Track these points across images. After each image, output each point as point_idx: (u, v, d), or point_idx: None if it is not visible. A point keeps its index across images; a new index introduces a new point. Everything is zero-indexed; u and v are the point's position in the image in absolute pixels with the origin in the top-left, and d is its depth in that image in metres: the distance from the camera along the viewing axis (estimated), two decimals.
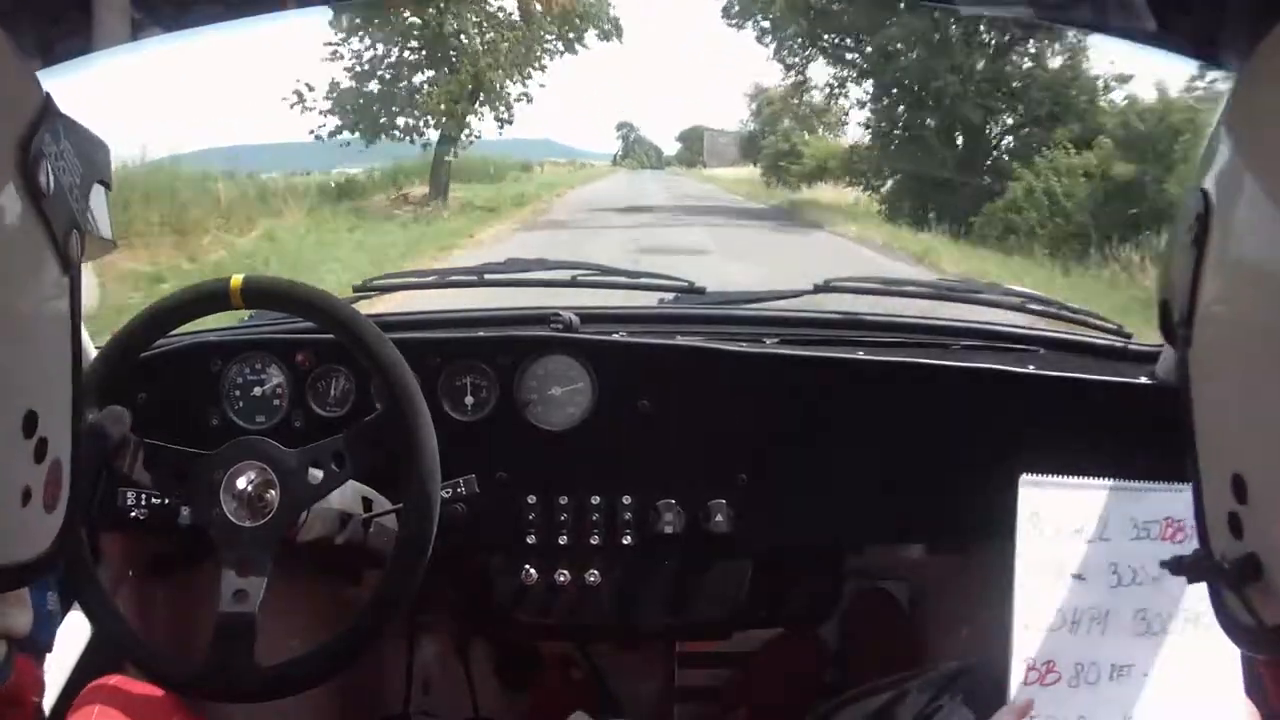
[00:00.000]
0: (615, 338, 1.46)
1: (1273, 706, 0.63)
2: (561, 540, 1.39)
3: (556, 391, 1.41)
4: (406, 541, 1.12)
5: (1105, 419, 1.36)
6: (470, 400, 1.41)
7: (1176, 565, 0.65)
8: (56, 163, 0.64)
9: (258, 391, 1.41)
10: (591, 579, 1.38)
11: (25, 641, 0.78)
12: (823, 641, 1.82)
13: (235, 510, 1.12)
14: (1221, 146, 0.59)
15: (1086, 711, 1.05)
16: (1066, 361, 1.47)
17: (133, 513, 1.25)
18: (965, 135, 14.39)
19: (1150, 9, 0.98)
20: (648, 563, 1.39)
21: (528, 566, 1.38)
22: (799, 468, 1.40)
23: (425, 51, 15.23)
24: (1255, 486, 0.56)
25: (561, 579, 1.38)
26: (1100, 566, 1.07)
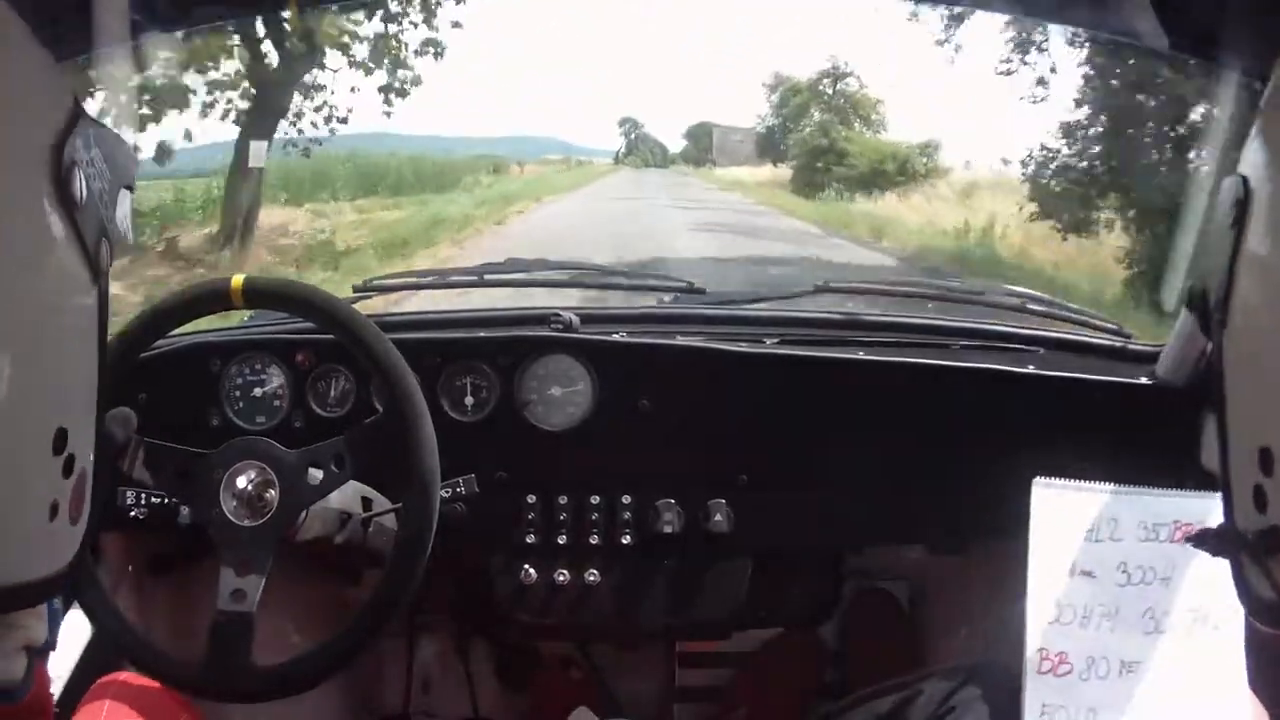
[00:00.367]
0: (615, 338, 1.46)
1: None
2: (561, 540, 1.39)
3: (556, 391, 1.41)
4: (406, 541, 1.12)
5: (1105, 419, 1.36)
6: (470, 400, 1.41)
7: (1200, 539, 0.66)
8: (88, 170, 0.63)
9: (258, 392, 1.41)
10: (591, 579, 1.38)
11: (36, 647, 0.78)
12: (823, 641, 1.82)
13: (235, 510, 1.12)
14: (1261, 134, 0.60)
15: (1097, 704, 1.06)
16: (1066, 362, 1.47)
17: (133, 512, 1.25)
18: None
19: (1150, 9, 0.98)
20: (647, 563, 1.39)
21: (527, 566, 1.38)
22: (799, 468, 1.40)
23: None
24: None
25: (561, 579, 1.38)
26: (1111, 566, 1.09)
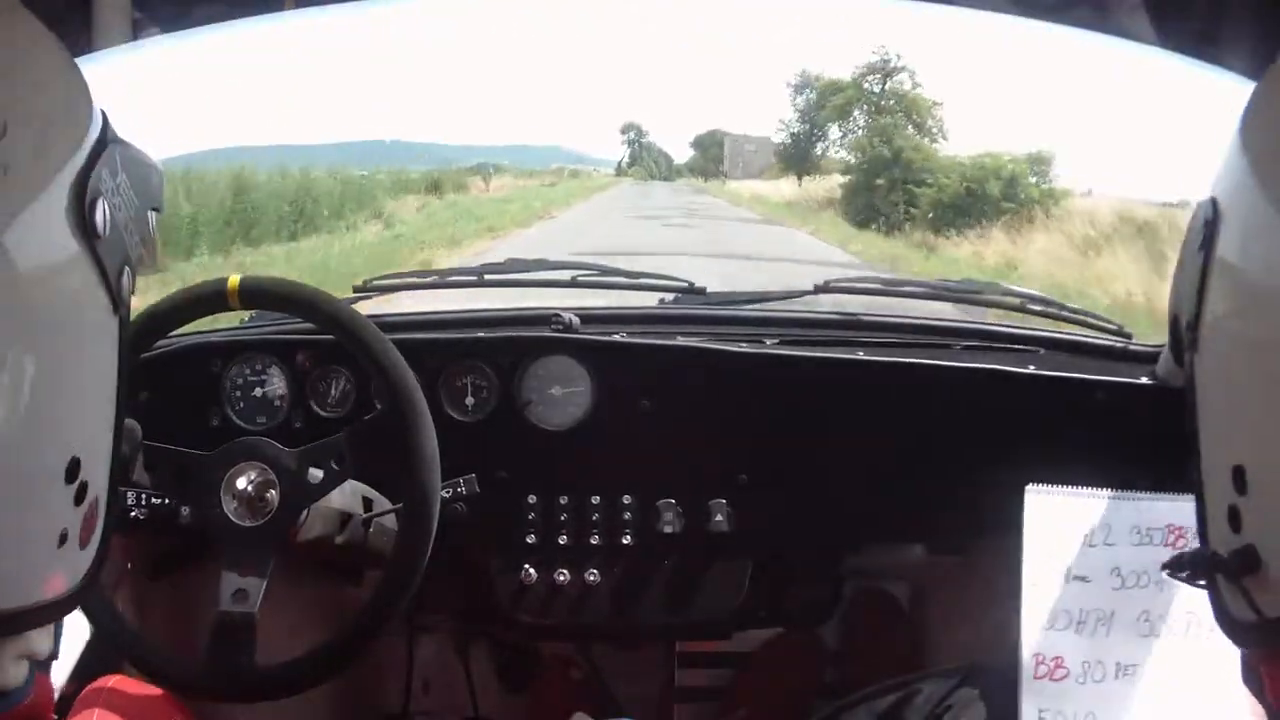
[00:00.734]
0: (615, 338, 1.46)
1: (1271, 704, 0.64)
2: (561, 540, 1.39)
3: (556, 391, 1.41)
4: (406, 541, 1.12)
5: (1105, 419, 1.36)
6: (470, 400, 1.41)
7: (1176, 564, 0.66)
8: (112, 199, 0.61)
9: (258, 392, 1.41)
10: (591, 579, 1.38)
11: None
12: (823, 641, 1.82)
13: (235, 510, 1.12)
14: (1233, 157, 0.61)
15: (1094, 708, 1.07)
16: (1066, 362, 1.47)
17: (133, 513, 1.25)
18: None
19: (1150, 10, 0.98)
20: (648, 563, 1.39)
21: (528, 566, 1.38)
22: (799, 468, 1.40)
23: None
24: (1254, 477, 0.57)
25: (561, 579, 1.38)
26: (1105, 570, 1.10)
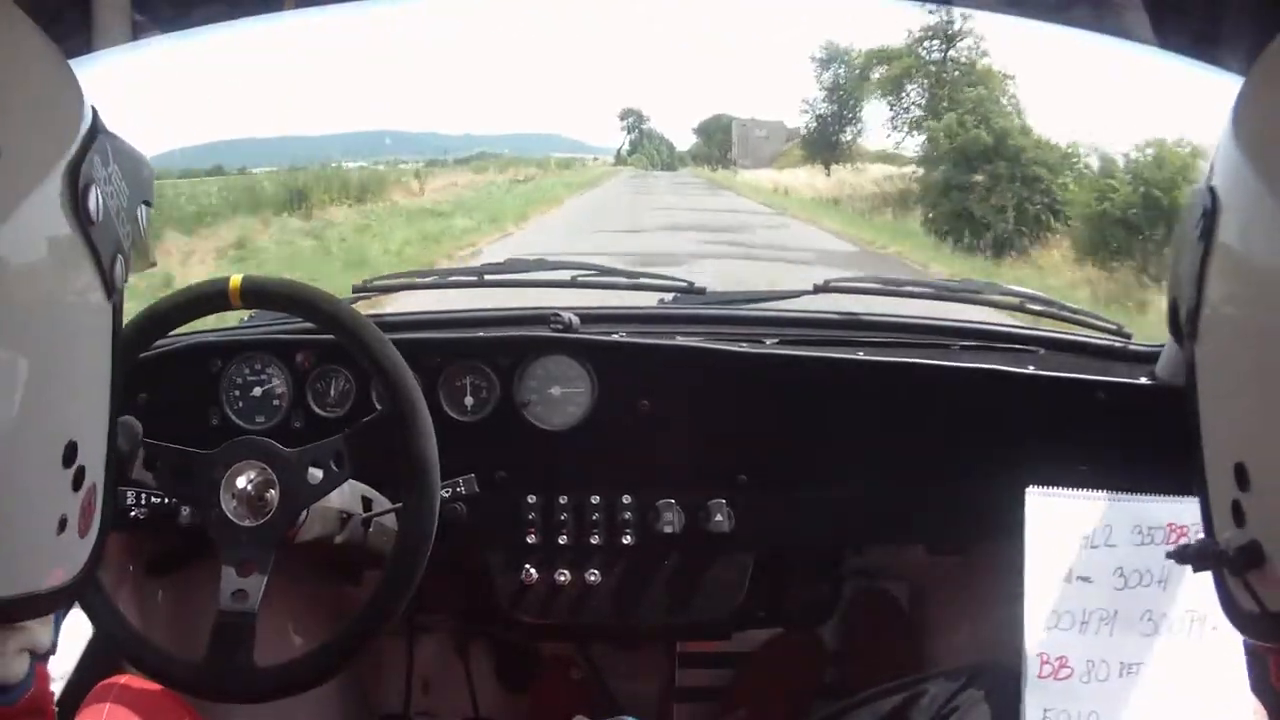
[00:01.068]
0: (615, 338, 1.46)
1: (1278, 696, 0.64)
2: (562, 540, 1.39)
3: (556, 391, 1.41)
4: (406, 541, 1.12)
5: (1105, 419, 1.36)
6: (470, 400, 1.41)
7: (1182, 555, 0.66)
8: (105, 188, 0.63)
9: (258, 391, 1.41)
10: (592, 579, 1.38)
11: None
12: (823, 641, 1.82)
13: (235, 509, 1.12)
14: (1228, 146, 0.60)
15: (1098, 707, 1.07)
16: (1066, 362, 1.47)
17: (133, 512, 1.25)
18: None
19: (1150, 10, 0.98)
20: (648, 562, 1.39)
21: (528, 566, 1.38)
22: (799, 468, 1.40)
23: None
24: (1256, 473, 0.57)
25: (561, 579, 1.38)
26: (1107, 570, 1.10)
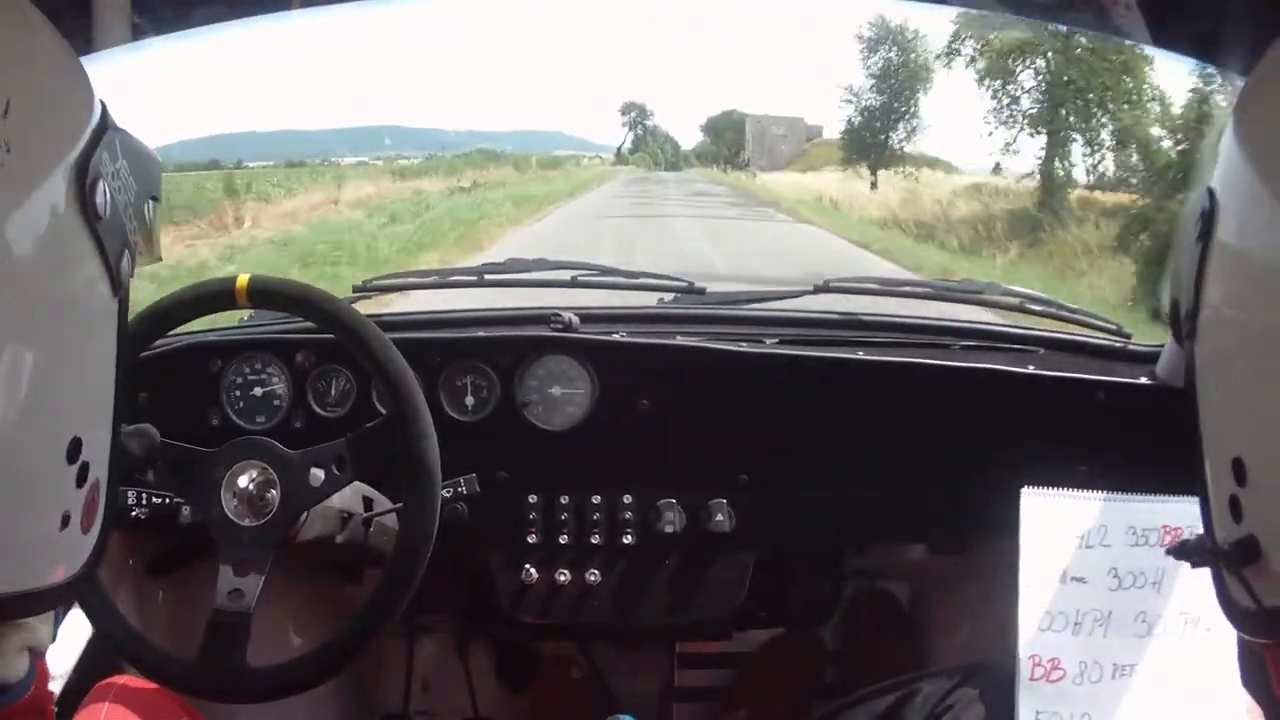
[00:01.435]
0: (615, 338, 1.46)
1: (1276, 694, 0.64)
2: (562, 540, 1.39)
3: (556, 391, 1.41)
4: (407, 541, 1.12)
5: (1105, 419, 1.36)
6: (470, 400, 1.41)
7: (1179, 550, 0.67)
8: (112, 183, 0.63)
9: (258, 391, 1.41)
10: (592, 579, 1.38)
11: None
12: (823, 641, 1.82)
13: (236, 509, 1.12)
14: (1228, 146, 0.61)
15: (1091, 709, 1.07)
16: (1066, 362, 1.47)
17: (133, 512, 1.25)
18: None
19: (1151, 9, 0.98)
20: (648, 562, 1.39)
21: (528, 566, 1.38)
22: (799, 467, 1.40)
23: None
24: (1253, 469, 0.58)
25: (562, 579, 1.38)
26: (1101, 571, 1.10)
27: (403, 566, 1.11)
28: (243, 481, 1.13)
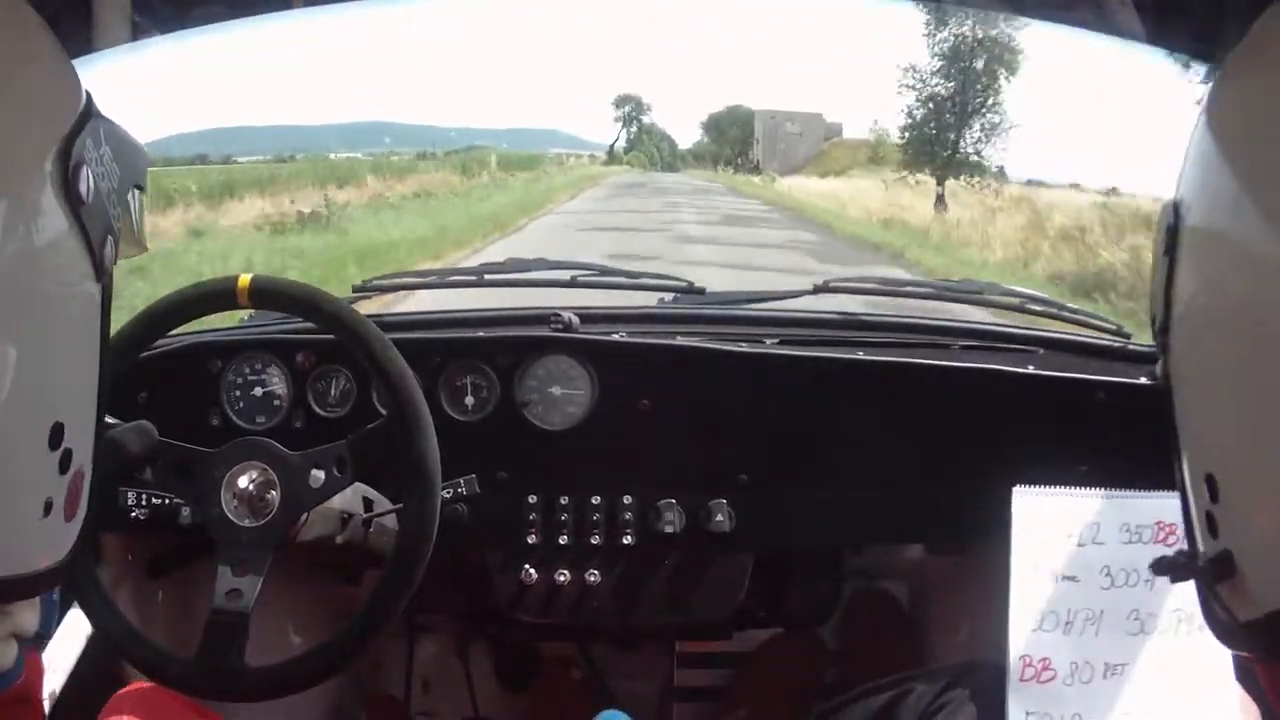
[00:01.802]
0: (615, 338, 1.46)
1: (1270, 704, 0.64)
2: (562, 540, 1.39)
3: (556, 391, 1.41)
4: (407, 542, 1.12)
5: (1104, 419, 1.36)
6: (470, 400, 1.41)
7: (1160, 565, 0.67)
8: (96, 169, 0.63)
9: (258, 391, 1.41)
10: (592, 579, 1.38)
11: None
12: (823, 641, 1.82)
13: (236, 509, 1.12)
14: (1192, 156, 0.61)
15: (1082, 709, 1.07)
16: (1065, 362, 1.47)
17: (133, 512, 1.25)
18: None
19: (1149, 8, 0.98)
20: (648, 562, 1.39)
21: (528, 566, 1.38)
22: (799, 468, 1.40)
23: None
24: (1224, 485, 0.58)
25: (562, 579, 1.38)
26: (1093, 569, 1.09)
27: (402, 567, 1.11)
28: (242, 482, 1.13)
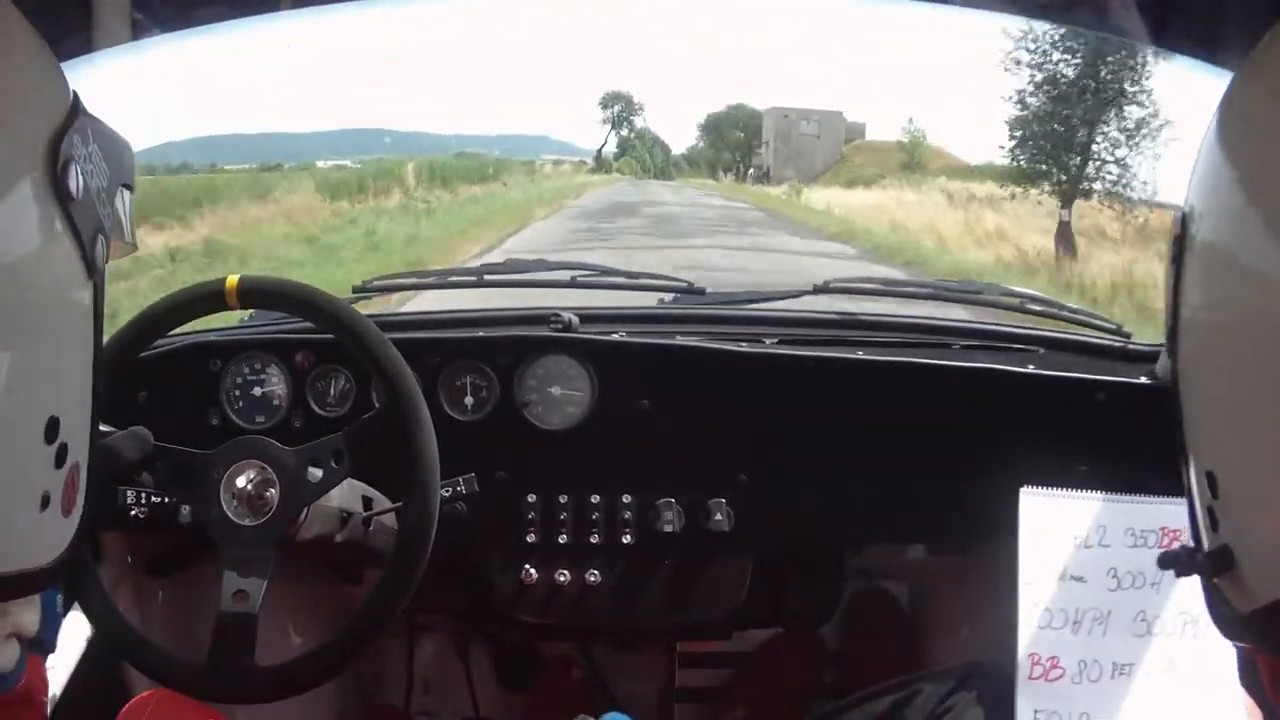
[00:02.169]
0: (615, 338, 1.46)
1: (1270, 697, 0.65)
2: (561, 539, 1.39)
3: (556, 391, 1.41)
4: (406, 541, 1.12)
5: (1105, 419, 1.36)
6: (470, 400, 1.41)
7: (1164, 560, 0.70)
8: (85, 166, 0.63)
9: (257, 391, 1.41)
10: (592, 578, 1.38)
11: (32, 641, 0.78)
12: (823, 641, 1.82)
13: (235, 509, 1.12)
14: (1200, 168, 0.62)
15: (1090, 708, 1.07)
16: (1066, 361, 1.47)
17: (133, 512, 1.25)
18: None
19: (1151, 9, 0.98)
20: (648, 562, 1.39)
21: (528, 566, 1.38)
22: (799, 467, 1.40)
23: None
24: (1223, 481, 0.60)
25: (561, 578, 1.38)
26: (1100, 571, 1.10)
27: (402, 566, 1.11)
28: (240, 482, 1.13)
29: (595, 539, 1.39)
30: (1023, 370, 1.41)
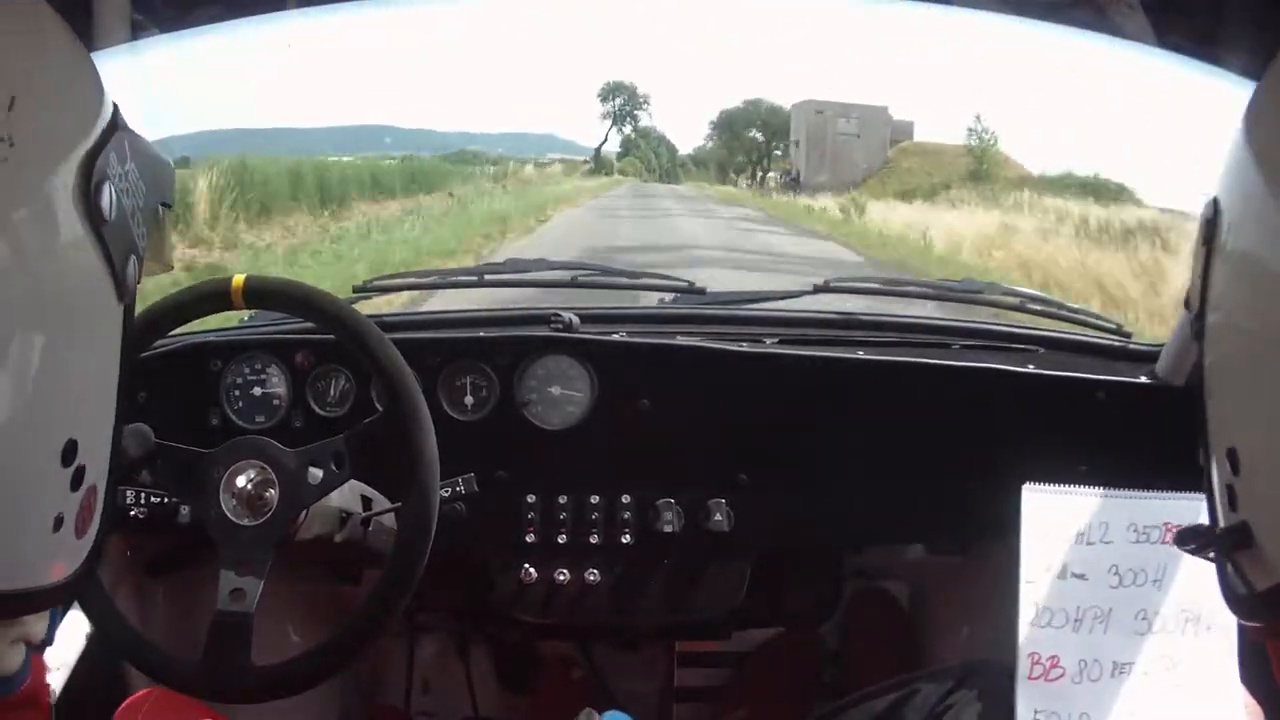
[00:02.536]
0: (615, 338, 1.46)
1: (1277, 682, 0.65)
2: (561, 539, 1.39)
3: (556, 391, 1.41)
4: (406, 541, 1.12)
5: (1104, 418, 1.36)
6: (470, 400, 1.41)
7: (1181, 537, 0.70)
8: (120, 185, 0.62)
9: (257, 391, 1.41)
10: (591, 578, 1.38)
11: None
12: (823, 641, 1.82)
13: (235, 509, 1.12)
14: (1237, 154, 0.63)
15: (1089, 707, 1.07)
16: (1066, 361, 1.47)
17: (133, 512, 1.25)
18: None
19: (1155, 10, 0.98)
20: (647, 562, 1.39)
21: (527, 566, 1.38)
22: (799, 467, 1.40)
23: None
24: (1245, 456, 0.61)
25: (561, 578, 1.38)
26: (1102, 568, 1.10)
27: (401, 566, 1.11)
28: (240, 482, 1.13)
29: (595, 539, 1.39)
30: (1023, 370, 1.41)
